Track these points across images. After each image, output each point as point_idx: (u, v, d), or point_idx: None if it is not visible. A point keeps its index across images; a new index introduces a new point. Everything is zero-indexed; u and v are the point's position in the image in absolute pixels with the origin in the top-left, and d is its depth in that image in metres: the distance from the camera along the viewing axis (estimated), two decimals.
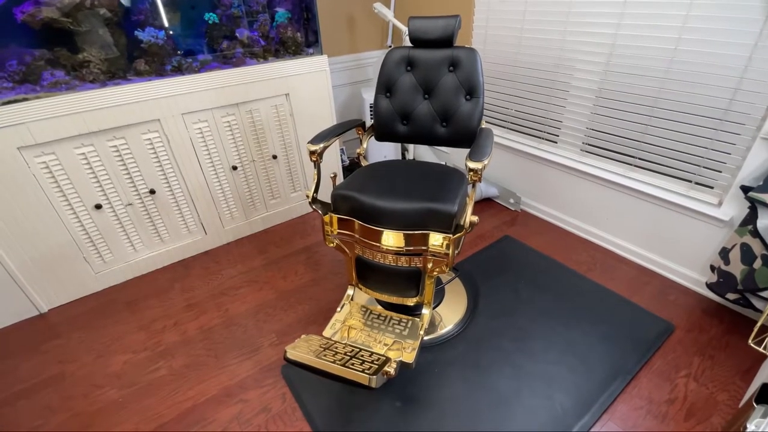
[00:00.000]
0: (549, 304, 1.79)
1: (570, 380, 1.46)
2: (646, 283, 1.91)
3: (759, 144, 1.49)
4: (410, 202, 1.32)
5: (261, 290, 1.97)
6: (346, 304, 1.57)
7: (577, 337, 1.63)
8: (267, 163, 2.27)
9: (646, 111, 1.80)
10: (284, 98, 2.18)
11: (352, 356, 1.10)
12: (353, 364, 1.05)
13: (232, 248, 2.29)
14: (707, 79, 1.58)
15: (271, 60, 2.08)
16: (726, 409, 1.35)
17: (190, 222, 2.14)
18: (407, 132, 1.68)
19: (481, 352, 1.58)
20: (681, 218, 1.81)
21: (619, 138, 1.95)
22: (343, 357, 1.09)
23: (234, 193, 2.22)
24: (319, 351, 1.12)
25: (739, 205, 1.61)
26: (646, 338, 1.62)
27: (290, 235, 2.38)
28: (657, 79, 1.72)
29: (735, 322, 1.67)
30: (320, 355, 1.08)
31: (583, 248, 2.16)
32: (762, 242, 1.44)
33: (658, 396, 1.41)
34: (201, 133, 1.99)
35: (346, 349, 1.17)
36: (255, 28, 2.02)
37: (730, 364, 1.50)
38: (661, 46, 1.66)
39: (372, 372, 1.01)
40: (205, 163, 2.06)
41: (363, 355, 1.13)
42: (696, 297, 1.81)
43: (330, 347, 1.16)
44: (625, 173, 1.98)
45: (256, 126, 2.14)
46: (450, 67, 1.56)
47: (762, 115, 1.47)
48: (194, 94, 1.90)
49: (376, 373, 1.01)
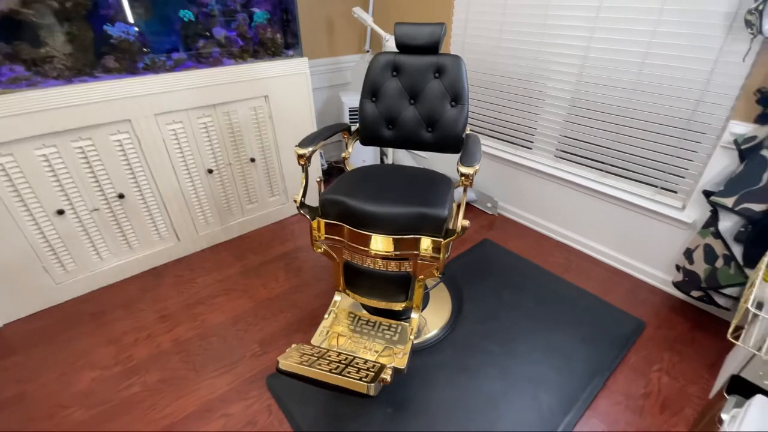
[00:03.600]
0: (531, 305, 1.84)
1: (554, 380, 1.50)
2: (618, 283, 2.01)
3: (719, 152, 1.61)
4: (401, 207, 1.32)
5: (240, 299, 1.89)
6: (334, 310, 1.54)
7: (558, 338, 1.68)
8: (244, 167, 2.20)
9: (616, 120, 1.90)
10: (263, 100, 2.12)
11: (347, 364, 1.08)
12: (349, 373, 1.03)
13: (207, 255, 2.19)
14: (672, 91, 1.69)
15: (250, 61, 2.02)
16: (697, 401, 1.44)
17: (161, 228, 2.03)
18: (393, 137, 1.68)
19: (469, 355, 1.59)
20: (648, 221, 1.92)
21: (590, 145, 2.05)
22: (338, 365, 1.06)
23: (209, 197, 2.14)
24: (312, 360, 1.09)
25: (701, 209, 1.72)
26: (621, 336, 1.69)
27: (269, 241, 2.31)
28: (626, 90, 1.82)
29: (699, 318, 1.79)
30: (314, 365, 1.05)
31: (559, 251, 2.24)
32: (723, 243, 1.55)
33: (634, 390, 1.48)
34: (175, 134, 1.90)
35: (340, 357, 1.14)
36: (233, 27, 1.96)
37: (698, 358, 1.60)
38: (630, 60, 1.76)
39: (369, 380, 1.00)
40: (179, 165, 1.96)
41: (358, 363, 1.11)
42: (663, 295, 1.93)
43: (323, 356, 1.13)
44: (596, 178, 2.08)
45: (233, 128, 2.07)
46: (435, 74, 1.58)
47: (722, 125, 1.59)
48: (168, 93, 1.81)
49: (374, 381, 1.00)
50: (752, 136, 1.47)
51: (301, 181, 1.44)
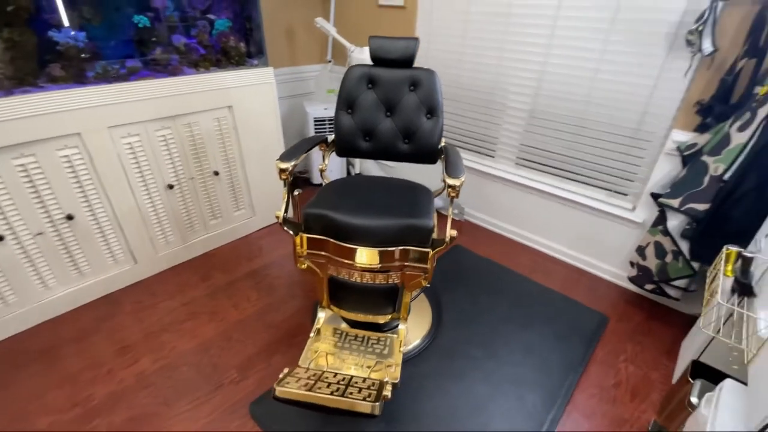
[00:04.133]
0: (505, 307, 1.91)
1: (535, 379, 1.57)
2: (579, 280, 2.15)
3: (663, 158, 1.79)
4: (387, 219, 1.32)
5: (210, 322, 1.78)
6: (318, 328, 1.49)
7: (533, 337, 1.76)
8: (207, 181, 2.08)
9: (571, 129, 2.05)
10: (227, 111, 2.03)
11: (347, 384, 1.05)
12: (351, 393, 1.00)
13: (168, 277, 2.04)
14: (621, 103, 1.85)
15: (213, 70, 1.93)
16: (660, 386, 1.57)
17: (116, 250, 1.86)
18: (370, 148, 1.68)
19: (453, 361, 1.62)
20: (603, 222, 2.08)
21: (548, 152, 2.18)
22: (338, 387, 1.03)
23: (169, 214, 1.99)
24: (310, 384, 1.04)
25: (649, 209, 1.90)
26: (588, 331, 1.81)
27: (235, 258, 2.20)
28: (580, 102, 1.97)
29: (653, 309, 1.96)
30: (314, 389, 1.01)
31: (525, 253, 2.35)
32: (672, 240, 1.71)
33: (606, 382, 1.58)
34: (131, 148, 1.76)
35: (337, 378, 1.11)
36: (193, 35, 1.86)
37: (656, 347, 1.75)
38: (582, 75, 1.91)
39: (373, 399, 0.98)
40: (135, 182, 1.81)
41: (357, 382, 1.08)
42: (619, 290, 2.09)
43: (320, 378, 1.09)
44: (554, 183, 2.22)
45: (195, 140, 1.96)
46: (411, 87, 1.61)
47: (665, 134, 1.77)
48: (123, 104, 1.67)
49: (377, 400, 0.98)
50: (693, 143, 1.65)
51: (283, 196, 1.39)
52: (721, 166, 1.52)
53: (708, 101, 1.58)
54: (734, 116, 1.52)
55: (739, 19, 1.45)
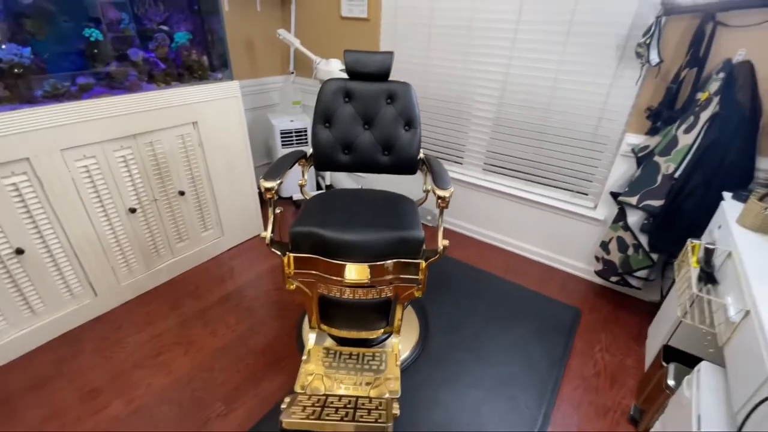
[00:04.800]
0: (486, 310, 1.97)
1: (523, 377, 1.62)
2: (550, 277, 2.26)
3: (619, 160, 1.94)
4: (377, 232, 1.31)
5: (187, 353, 1.67)
6: (310, 350, 1.45)
7: (516, 336, 1.82)
8: (172, 201, 1.96)
9: (534, 135, 2.16)
10: (191, 127, 1.93)
11: (355, 407, 1.03)
12: (362, 417, 0.98)
13: (133, 308, 1.89)
14: (578, 110, 1.98)
15: (175, 85, 1.82)
16: (634, 371, 1.68)
17: (73, 283, 1.69)
18: (349, 161, 1.67)
19: (444, 369, 1.64)
20: (568, 221, 2.21)
21: (513, 158, 2.29)
22: (346, 411, 1.01)
23: (132, 240, 1.85)
24: (317, 411, 1.01)
25: (609, 207, 2.04)
26: (565, 325, 1.91)
27: (206, 282, 2.08)
28: (541, 110, 2.09)
29: (619, 300, 2.11)
30: (322, 416, 0.98)
31: (498, 255, 2.44)
32: (632, 234, 1.85)
33: (587, 372, 1.68)
34: (87, 171, 1.61)
35: (343, 401, 1.08)
36: (151, 48, 1.75)
37: (625, 334, 1.88)
38: (543, 84, 2.03)
39: (384, 419, 0.96)
40: (93, 208, 1.67)
41: (364, 404, 1.06)
42: (587, 283, 2.22)
43: (326, 404, 1.06)
44: (520, 187, 2.33)
45: (158, 159, 1.84)
46: (388, 100, 1.62)
47: (619, 138, 1.92)
48: (76, 125, 1.53)
49: (389, 420, 0.97)
50: (645, 146, 1.80)
51: (269, 215, 1.34)
52: (671, 165, 1.68)
53: (656, 107, 1.74)
54: (680, 120, 1.68)
55: (681, 32, 1.61)
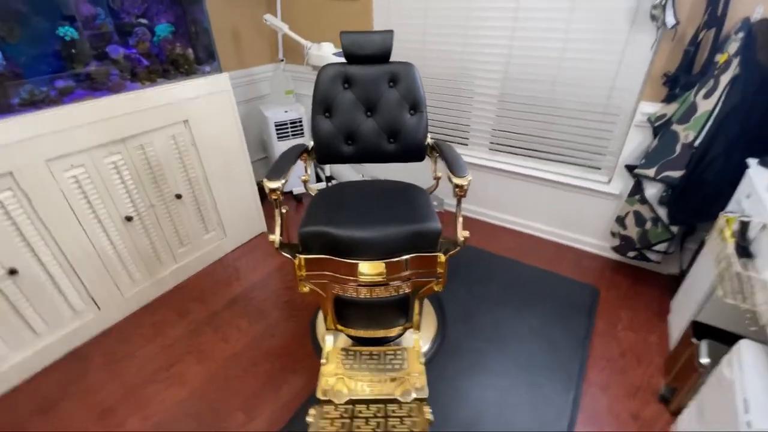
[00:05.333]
0: (500, 295, 1.91)
1: (546, 362, 1.58)
2: (564, 256, 2.21)
3: (633, 130, 1.85)
4: (391, 227, 1.24)
5: (200, 362, 1.61)
6: (328, 352, 1.39)
7: (534, 319, 1.77)
8: (170, 206, 1.87)
9: (542, 110, 2.07)
10: (183, 126, 1.82)
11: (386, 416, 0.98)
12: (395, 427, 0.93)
13: (140, 319, 1.82)
14: (588, 81, 1.89)
15: (161, 82, 1.71)
16: (660, 348, 1.64)
17: (74, 300, 1.62)
18: (353, 152, 1.58)
19: (464, 359, 1.59)
20: (580, 197, 2.14)
21: (521, 135, 2.20)
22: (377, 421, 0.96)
23: (131, 249, 1.77)
24: (346, 423, 0.96)
25: (624, 181, 1.97)
26: (584, 305, 1.86)
27: (213, 286, 2.02)
28: (548, 82, 1.99)
29: (637, 275, 2.06)
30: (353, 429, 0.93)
31: (508, 236, 2.37)
32: (650, 207, 1.79)
33: (611, 352, 1.64)
34: (77, 182, 1.52)
35: (371, 409, 1.03)
36: (132, 44, 1.63)
37: (646, 310, 1.84)
38: (549, 55, 1.93)
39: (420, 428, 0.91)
40: (87, 219, 1.58)
41: (394, 411, 1.01)
42: (602, 260, 2.17)
43: (354, 414, 1.00)
44: (530, 165, 2.24)
45: (151, 163, 1.74)
46: (390, 83, 1.52)
47: (633, 107, 1.83)
48: (60, 133, 1.43)
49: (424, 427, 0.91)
50: (662, 114, 1.71)
51: (276, 218, 1.26)
52: (691, 134, 1.60)
53: (674, 72, 1.65)
54: (699, 85, 1.59)
55: None
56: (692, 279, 1.62)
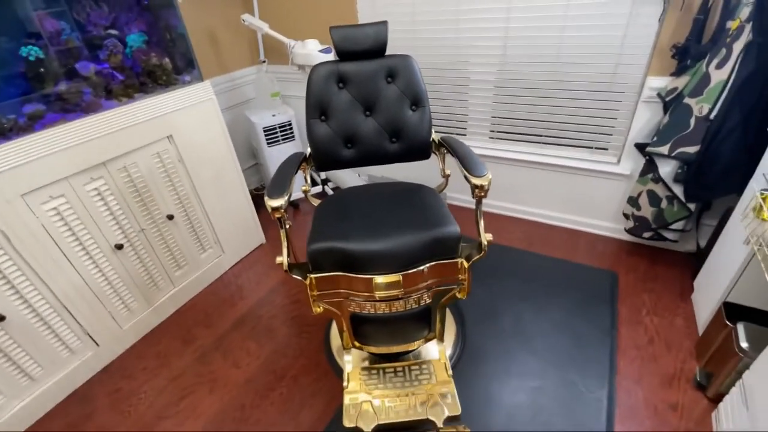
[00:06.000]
0: (518, 289, 1.84)
1: (574, 356, 1.52)
2: (576, 242, 2.14)
3: (642, 107, 1.78)
4: (408, 236, 1.15)
5: (212, 392, 1.52)
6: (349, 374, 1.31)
7: (557, 313, 1.71)
8: (162, 228, 1.76)
9: (543, 93, 1.98)
10: (167, 141, 1.70)
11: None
12: None
13: (142, 351, 1.72)
14: (592, 58, 1.80)
15: (140, 97, 1.58)
16: (688, 331, 1.59)
17: (69, 339, 1.51)
18: (353, 156, 1.48)
19: (490, 361, 1.52)
20: (589, 180, 2.07)
21: (522, 120, 2.12)
22: None
23: (125, 278, 1.66)
24: None
25: (634, 160, 1.90)
26: (604, 292, 1.80)
27: (215, 307, 1.91)
28: (549, 63, 1.89)
29: (653, 255, 2.00)
30: None
31: (516, 226, 2.30)
32: (665, 186, 1.72)
33: (639, 340, 1.58)
34: (58, 214, 1.40)
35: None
36: (103, 58, 1.50)
37: (668, 291, 1.78)
38: (549, 34, 1.83)
39: None
40: (73, 253, 1.46)
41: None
42: (616, 243, 2.11)
43: None
44: (533, 151, 2.16)
45: (137, 185, 1.62)
46: (388, 78, 1.42)
47: (640, 82, 1.75)
48: (34, 162, 1.31)
49: None
50: (673, 88, 1.64)
51: (282, 238, 1.16)
52: (705, 106, 1.52)
53: (684, 43, 1.57)
54: (710, 55, 1.51)
55: None
56: (717, 257, 1.56)
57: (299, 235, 2.31)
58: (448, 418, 1.14)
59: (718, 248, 1.57)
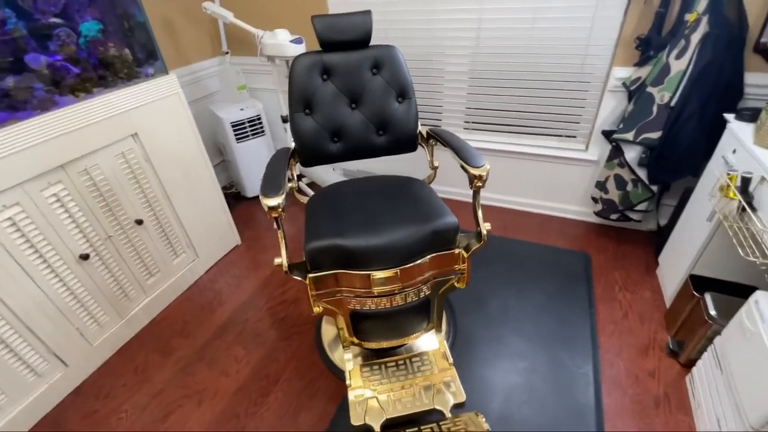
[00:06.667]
0: (501, 274, 1.90)
1: (560, 337, 1.59)
2: (549, 227, 2.24)
3: (608, 96, 1.87)
4: (406, 229, 1.14)
5: (202, 403, 1.44)
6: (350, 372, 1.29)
7: (538, 295, 1.78)
8: (130, 234, 1.63)
9: (515, 84, 2.03)
10: (132, 140, 1.57)
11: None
12: None
13: (117, 367, 1.59)
14: (561, 50, 1.87)
15: (99, 92, 1.44)
16: (656, 304, 1.72)
17: (34, 361, 1.37)
18: (341, 149, 1.44)
19: (481, 346, 1.56)
20: (559, 167, 2.16)
21: (496, 111, 2.17)
22: None
23: (92, 290, 1.52)
24: None
25: (600, 147, 2.01)
26: (580, 272, 1.90)
27: (195, 315, 1.81)
28: (520, 54, 1.94)
29: (620, 235, 2.13)
30: None
31: (492, 214, 2.36)
32: (630, 170, 1.83)
33: (615, 316, 1.68)
34: (13, 224, 1.25)
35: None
36: (54, 50, 1.35)
37: (636, 268, 1.91)
38: (520, 26, 1.88)
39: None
40: (33, 266, 1.32)
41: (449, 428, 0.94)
42: (586, 225, 2.23)
43: None
44: (507, 141, 2.22)
45: (100, 189, 1.49)
46: (373, 70, 1.39)
47: (606, 73, 1.85)
48: None
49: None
50: (637, 78, 1.74)
51: (279, 239, 1.11)
52: (666, 94, 1.63)
53: (647, 34, 1.66)
54: (670, 46, 1.62)
55: None
56: (680, 234, 1.69)
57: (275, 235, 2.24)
58: (454, 406, 1.15)
59: (681, 225, 1.70)
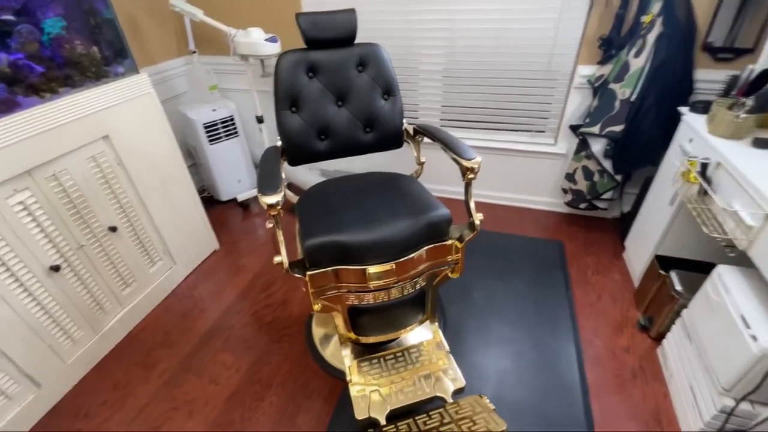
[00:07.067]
0: (484, 265, 1.97)
1: (542, 321, 1.67)
2: (525, 218, 2.34)
3: (573, 93, 1.99)
4: (402, 222, 1.17)
5: (193, 415, 1.39)
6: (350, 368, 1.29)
7: (518, 283, 1.86)
8: (104, 242, 1.54)
9: (487, 82, 2.12)
10: (103, 143, 1.49)
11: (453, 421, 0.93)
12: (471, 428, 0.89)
13: (96, 384, 1.50)
14: (529, 49, 1.96)
15: (66, 92, 1.36)
16: (626, 285, 1.85)
17: (4, 383, 1.26)
18: (328, 147, 1.44)
19: (470, 337, 1.61)
20: (530, 161, 2.27)
21: (469, 108, 2.24)
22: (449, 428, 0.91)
23: (65, 304, 1.43)
24: None
25: (568, 140, 2.13)
26: (556, 260, 2.01)
27: (174, 325, 1.74)
28: (492, 54, 2.03)
29: (588, 223, 2.27)
30: None
31: None
32: (596, 161, 1.96)
33: (590, 298, 1.79)
34: None
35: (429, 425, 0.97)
36: (16, 47, 1.25)
37: (605, 253, 2.05)
38: (491, 27, 1.95)
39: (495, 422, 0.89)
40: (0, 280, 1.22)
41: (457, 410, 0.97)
42: (557, 215, 2.35)
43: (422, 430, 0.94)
44: (480, 137, 2.31)
45: (70, 195, 1.40)
46: (359, 67, 1.40)
47: (571, 71, 1.96)
48: None
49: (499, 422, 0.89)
50: (600, 75, 1.86)
51: (278, 237, 1.09)
52: (627, 90, 1.76)
53: (608, 35, 1.79)
54: (629, 45, 1.75)
55: None
56: (644, 218, 1.82)
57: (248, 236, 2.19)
58: (455, 392, 1.19)
59: (644, 211, 1.84)
